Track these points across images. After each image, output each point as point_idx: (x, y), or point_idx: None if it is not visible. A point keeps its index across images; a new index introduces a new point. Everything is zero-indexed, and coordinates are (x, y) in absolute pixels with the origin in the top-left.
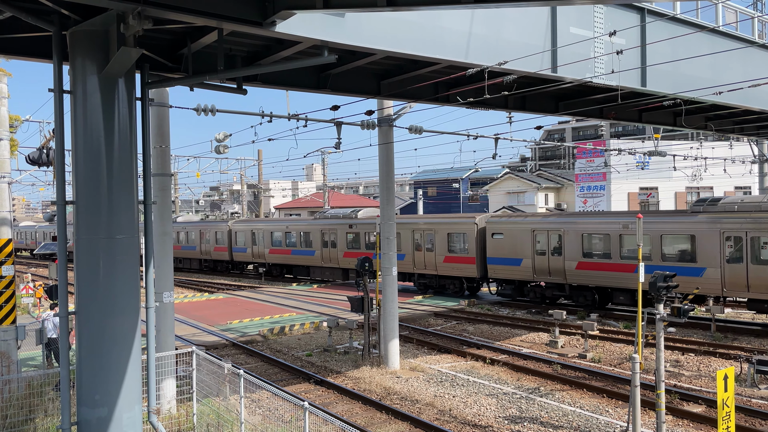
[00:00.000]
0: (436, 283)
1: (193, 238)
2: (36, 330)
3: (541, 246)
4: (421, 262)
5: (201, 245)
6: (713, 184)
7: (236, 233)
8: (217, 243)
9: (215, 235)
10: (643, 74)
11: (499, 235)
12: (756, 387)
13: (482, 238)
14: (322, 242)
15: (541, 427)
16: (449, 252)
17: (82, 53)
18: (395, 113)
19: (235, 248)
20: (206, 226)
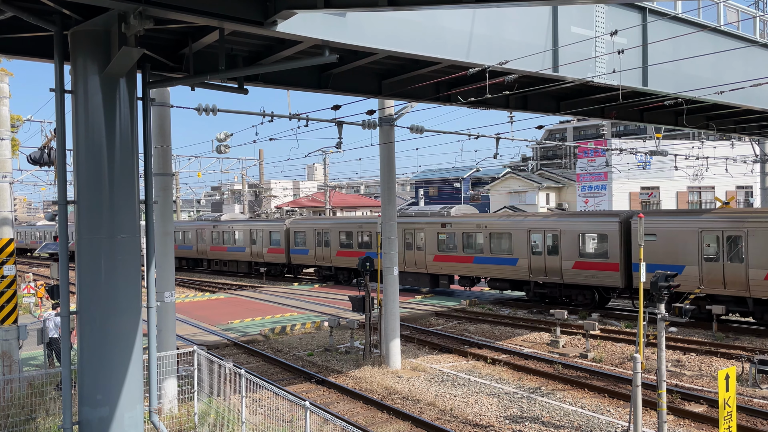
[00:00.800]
0: None
1: (240, 238)
2: (37, 330)
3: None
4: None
5: (251, 247)
6: (715, 183)
7: (295, 233)
8: (272, 244)
9: (269, 235)
10: (645, 74)
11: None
12: (757, 387)
13: None
14: (404, 244)
15: (543, 426)
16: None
17: (83, 53)
18: (396, 113)
19: (294, 250)
20: (258, 225)
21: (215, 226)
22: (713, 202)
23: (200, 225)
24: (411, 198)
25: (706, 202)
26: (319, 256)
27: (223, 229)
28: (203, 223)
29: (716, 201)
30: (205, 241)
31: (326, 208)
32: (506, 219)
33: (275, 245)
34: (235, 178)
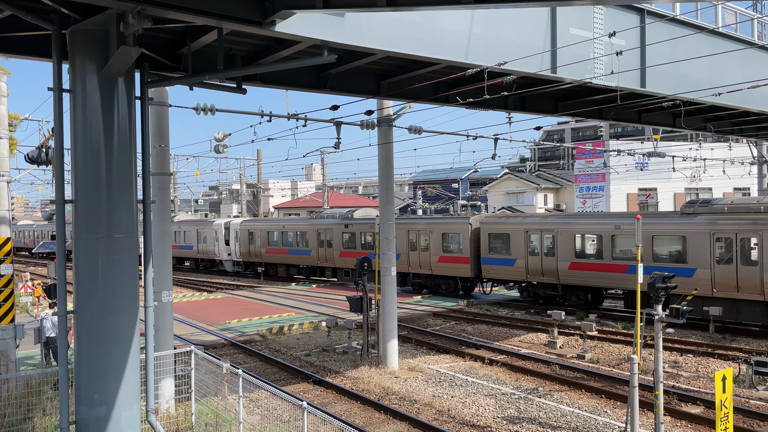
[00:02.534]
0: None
1: (416, 239)
2: (35, 329)
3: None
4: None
5: (427, 254)
6: (712, 185)
7: (490, 236)
8: (449, 250)
9: (448, 238)
10: (643, 75)
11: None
12: (754, 388)
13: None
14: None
15: (540, 427)
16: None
17: (81, 52)
18: (395, 113)
19: (488, 259)
20: (436, 224)
21: (348, 225)
22: None
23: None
24: (409, 198)
25: None
26: (534, 269)
27: (405, 227)
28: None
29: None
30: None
31: (324, 209)
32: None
33: (454, 252)
34: (234, 178)
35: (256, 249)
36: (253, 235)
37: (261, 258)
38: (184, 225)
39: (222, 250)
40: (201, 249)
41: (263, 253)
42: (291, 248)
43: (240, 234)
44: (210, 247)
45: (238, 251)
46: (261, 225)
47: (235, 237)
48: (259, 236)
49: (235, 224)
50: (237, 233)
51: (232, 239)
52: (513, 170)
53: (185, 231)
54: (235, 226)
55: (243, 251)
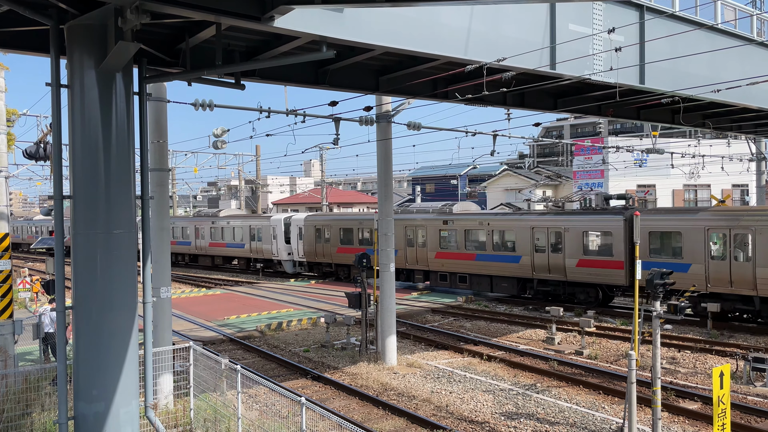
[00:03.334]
0: None
1: (550, 239)
2: (33, 324)
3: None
4: None
5: (559, 256)
6: (711, 181)
7: (651, 235)
8: (593, 252)
9: (592, 237)
10: (642, 72)
11: None
12: (752, 384)
13: None
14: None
15: (538, 423)
16: None
17: (79, 47)
18: (394, 109)
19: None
20: (575, 221)
21: (447, 221)
22: (709, 200)
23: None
24: (408, 195)
25: (702, 200)
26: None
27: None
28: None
29: (712, 199)
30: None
31: (323, 204)
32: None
33: (603, 254)
34: (232, 174)
35: (325, 248)
36: (320, 231)
37: (331, 258)
38: (234, 220)
39: (281, 248)
40: (255, 248)
41: (334, 252)
42: (370, 248)
43: (305, 230)
44: (266, 245)
45: (301, 250)
46: (332, 220)
47: (297, 234)
48: (330, 233)
49: (297, 220)
50: (300, 230)
51: (294, 236)
52: (512, 166)
53: (234, 227)
54: (298, 221)
55: (307, 250)
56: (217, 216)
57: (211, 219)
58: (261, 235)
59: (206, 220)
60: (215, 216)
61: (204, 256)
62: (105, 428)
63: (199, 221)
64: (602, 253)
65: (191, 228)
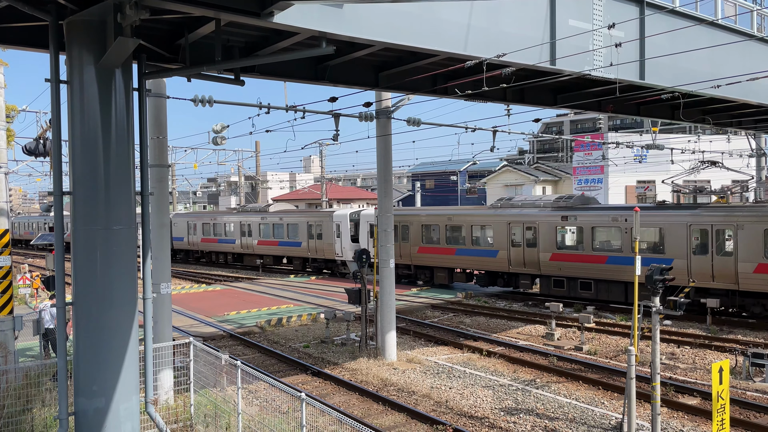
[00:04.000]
0: None
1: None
2: (33, 320)
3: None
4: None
5: (729, 260)
6: (710, 177)
7: None
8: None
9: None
10: (642, 67)
11: None
12: (751, 380)
13: None
14: None
15: (537, 418)
16: None
17: (78, 43)
18: (393, 105)
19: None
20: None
21: (567, 217)
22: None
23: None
24: (408, 191)
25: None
26: None
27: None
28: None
29: (711, 195)
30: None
31: (323, 201)
32: None
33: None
34: (232, 170)
35: (403, 247)
36: (397, 229)
37: (410, 259)
38: (288, 216)
39: (346, 248)
40: (314, 246)
41: (414, 253)
42: (462, 247)
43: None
44: (328, 244)
45: (372, 250)
46: (412, 216)
47: (368, 231)
48: (410, 231)
49: (368, 215)
50: (372, 227)
51: (364, 234)
52: (512, 162)
53: (289, 224)
54: (369, 217)
55: None
56: (267, 211)
57: (261, 214)
58: (322, 232)
59: (254, 215)
60: (264, 211)
61: (251, 256)
62: (105, 424)
63: (246, 216)
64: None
65: (235, 224)
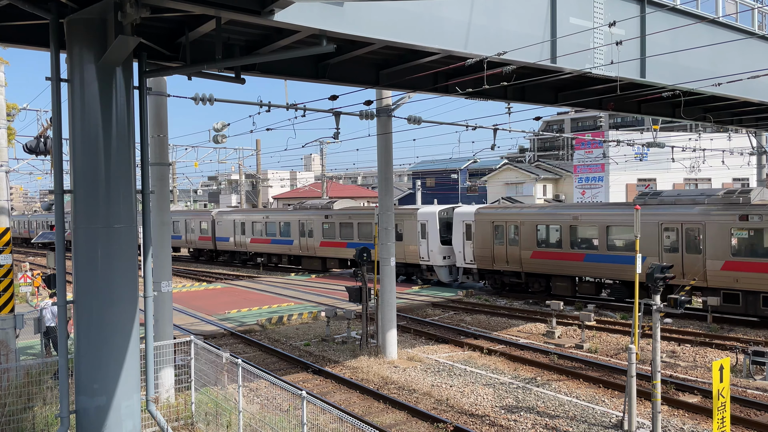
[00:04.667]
0: None
1: None
2: (34, 319)
3: None
4: None
5: None
6: (711, 175)
7: None
8: None
9: None
10: (643, 65)
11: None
12: (751, 378)
13: None
14: None
15: (538, 416)
16: None
17: (79, 42)
18: (394, 103)
19: None
20: None
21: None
22: None
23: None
24: (408, 189)
25: None
26: None
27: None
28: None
29: None
30: None
31: (323, 198)
32: None
33: None
34: (232, 168)
35: (511, 251)
36: (502, 229)
37: (520, 265)
38: (358, 214)
39: (434, 251)
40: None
41: (526, 258)
42: (593, 252)
43: (476, 228)
44: (409, 246)
45: (469, 253)
46: (525, 214)
47: (463, 232)
48: (523, 232)
49: (463, 213)
50: (469, 227)
51: (458, 235)
52: (512, 160)
53: (359, 223)
54: (464, 215)
55: (480, 254)
56: (331, 208)
57: (324, 212)
58: (402, 232)
59: (316, 213)
60: (328, 208)
61: (311, 258)
62: (106, 422)
63: (306, 214)
64: None
65: (293, 223)
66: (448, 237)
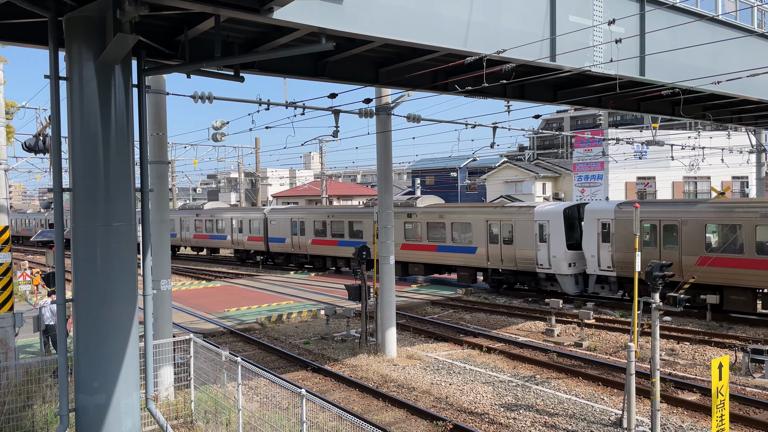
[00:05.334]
0: None
1: None
2: (34, 317)
3: None
4: None
5: None
6: (711, 173)
7: None
8: None
9: None
10: (642, 63)
11: None
12: (750, 376)
13: None
14: None
15: (537, 414)
16: None
17: (78, 39)
18: (393, 101)
19: None
20: None
21: None
22: (709, 192)
23: None
24: (408, 187)
25: (702, 192)
26: None
27: None
28: None
29: (712, 191)
30: None
31: (323, 197)
32: None
33: None
34: (232, 167)
35: (669, 256)
36: (655, 229)
37: (681, 274)
38: (451, 213)
39: (558, 257)
40: (496, 253)
41: (690, 264)
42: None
43: (617, 227)
44: (522, 251)
45: (608, 259)
46: (686, 212)
47: (597, 234)
48: (687, 232)
49: (598, 210)
50: (606, 226)
51: (591, 237)
52: (512, 159)
53: (454, 223)
54: (600, 212)
55: (624, 258)
56: (414, 206)
57: (405, 210)
58: (513, 234)
59: (396, 211)
60: (409, 206)
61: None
62: (106, 420)
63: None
64: None
65: (367, 222)
66: (578, 239)
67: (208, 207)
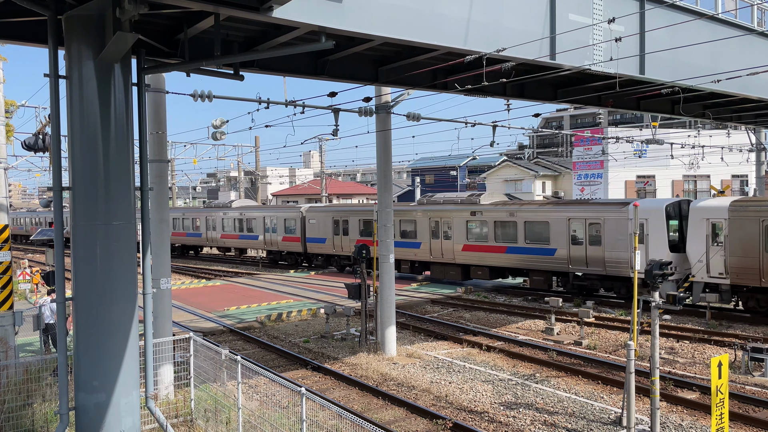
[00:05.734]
0: None
1: None
2: (33, 316)
3: None
4: None
5: None
6: (710, 172)
7: None
8: None
9: None
10: (642, 62)
11: None
12: (750, 374)
13: None
14: None
15: (537, 413)
16: None
17: (77, 38)
18: (393, 100)
19: None
20: None
21: None
22: (709, 191)
23: None
24: (407, 186)
25: (701, 190)
26: None
27: None
28: None
29: (711, 189)
30: None
31: (322, 196)
32: None
33: None
34: (231, 165)
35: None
36: (718, 229)
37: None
38: (523, 210)
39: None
40: (579, 256)
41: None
42: None
43: (731, 227)
44: (616, 252)
45: (719, 264)
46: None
47: (706, 235)
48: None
49: (708, 208)
50: (718, 227)
51: (697, 239)
52: (511, 157)
53: (527, 222)
54: (710, 211)
55: (739, 264)
56: (477, 203)
57: (468, 207)
58: (602, 234)
59: (457, 209)
60: (472, 203)
61: (446, 265)
62: (106, 419)
63: (440, 210)
64: None
65: (421, 221)
66: (682, 239)
67: (237, 205)
